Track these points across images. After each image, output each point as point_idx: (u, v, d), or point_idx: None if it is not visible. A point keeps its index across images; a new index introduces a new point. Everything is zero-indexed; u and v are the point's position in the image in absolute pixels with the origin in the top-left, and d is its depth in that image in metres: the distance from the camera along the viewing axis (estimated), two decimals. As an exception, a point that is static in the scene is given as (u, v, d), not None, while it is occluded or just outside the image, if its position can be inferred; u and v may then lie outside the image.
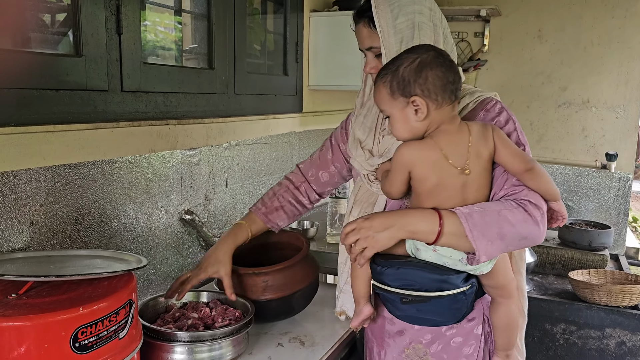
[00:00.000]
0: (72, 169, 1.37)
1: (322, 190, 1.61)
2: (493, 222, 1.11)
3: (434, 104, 1.14)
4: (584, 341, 2.31)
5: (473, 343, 1.34)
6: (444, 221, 1.12)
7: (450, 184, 1.16)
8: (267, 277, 1.47)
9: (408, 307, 1.22)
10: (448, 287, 1.17)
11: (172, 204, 1.74)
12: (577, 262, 2.65)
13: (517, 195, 1.17)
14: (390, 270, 1.19)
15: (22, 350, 0.91)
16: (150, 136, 1.59)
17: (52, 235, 1.34)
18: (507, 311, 1.28)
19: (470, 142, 1.16)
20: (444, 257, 1.17)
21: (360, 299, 1.30)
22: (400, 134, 1.19)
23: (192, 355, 1.22)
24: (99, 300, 0.99)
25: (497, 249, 1.13)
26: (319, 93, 2.67)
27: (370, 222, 1.17)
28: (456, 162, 1.15)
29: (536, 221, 1.14)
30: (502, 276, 1.25)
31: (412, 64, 1.13)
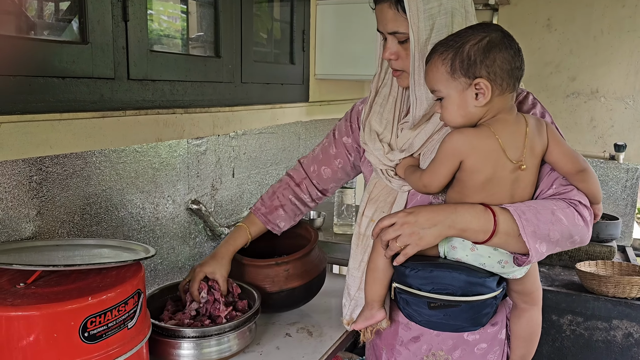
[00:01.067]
0: (79, 157, 1.36)
1: (324, 187, 1.51)
2: (547, 222, 1.04)
3: (498, 89, 1.04)
4: (591, 332, 2.30)
5: (497, 349, 1.27)
6: (498, 219, 1.04)
7: (503, 178, 1.08)
8: (289, 265, 1.47)
9: (435, 312, 1.12)
10: (484, 291, 1.10)
11: (178, 194, 1.73)
12: (585, 253, 2.63)
13: (567, 195, 1.09)
14: (422, 273, 1.10)
15: (31, 340, 0.90)
16: (157, 125, 1.58)
17: (60, 224, 1.33)
18: (530, 319, 1.23)
19: (527, 134, 1.07)
20: (482, 257, 1.10)
21: (375, 302, 1.20)
22: (452, 119, 1.08)
23: (200, 350, 1.22)
24: (108, 290, 0.99)
25: (548, 250, 1.06)
26: (326, 82, 2.65)
27: (415, 217, 1.07)
28: (513, 155, 1.06)
29: (587, 222, 1.09)
30: (532, 282, 1.20)
31: (480, 42, 1.03)
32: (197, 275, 1.40)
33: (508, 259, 1.10)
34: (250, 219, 1.51)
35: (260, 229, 1.50)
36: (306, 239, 1.61)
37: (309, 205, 1.54)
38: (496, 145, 1.05)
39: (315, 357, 1.33)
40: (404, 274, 1.12)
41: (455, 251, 1.12)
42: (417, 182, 1.15)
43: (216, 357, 1.23)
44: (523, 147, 1.07)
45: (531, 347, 1.26)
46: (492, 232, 1.04)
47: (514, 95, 1.08)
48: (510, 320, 1.27)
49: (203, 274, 1.40)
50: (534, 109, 1.17)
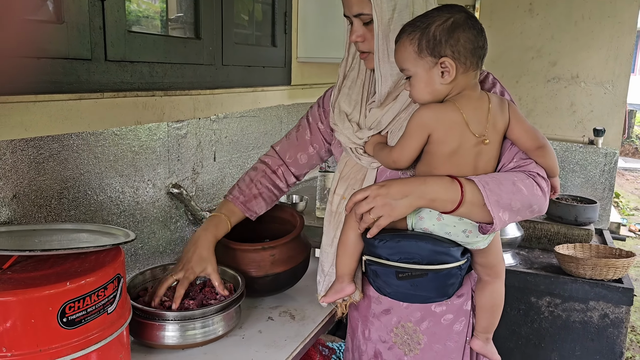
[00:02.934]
0: (56, 140, 1.33)
1: (300, 173, 1.54)
2: (509, 192, 1.10)
3: (462, 68, 1.10)
4: (568, 314, 2.35)
5: (463, 319, 1.33)
6: (465, 189, 1.10)
7: (467, 151, 1.13)
8: (275, 250, 1.47)
9: (403, 282, 1.17)
10: (449, 260, 1.15)
11: (159, 178, 1.71)
12: (563, 236, 2.68)
13: (527, 167, 1.17)
14: (390, 243, 1.15)
15: (8, 326, 0.88)
16: (136, 107, 1.55)
17: (36, 208, 1.30)
18: (493, 291, 1.29)
19: (490, 111, 1.13)
20: (447, 226, 1.15)
21: (345, 276, 1.26)
22: (420, 96, 1.14)
23: (184, 333, 1.21)
24: (87, 274, 0.97)
25: (510, 219, 1.12)
26: (308, 65, 2.63)
27: (387, 189, 1.12)
28: (476, 129, 1.12)
29: (544, 192, 1.16)
30: (495, 255, 1.25)
31: (445, 22, 1.08)
32: (188, 277, 1.32)
33: (472, 228, 1.16)
34: (229, 207, 1.47)
35: (239, 217, 1.48)
36: (291, 224, 1.61)
37: (284, 190, 1.55)
38: (460, 118, 1.11)
39: (297, 340, 1.33)
40: (373, 245, 1.17)
41: (422, 221, 1.17)
42: (386, 158, 1.20)
43: (201, 340, 1.23)
44: (486, 122, 1.13)
45: (494, 318, 1.32)
46: (459, 201, 1.10)
47: (477, 73, 1.14)
48: (475, 293, 1.33)
49: (194, 275, 1.33)
50: (494, 88, 1.23)
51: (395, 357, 1.35)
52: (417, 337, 1.32)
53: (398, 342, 1.34)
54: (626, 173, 9.28)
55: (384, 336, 1.36)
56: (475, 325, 1.34)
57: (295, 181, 1.56)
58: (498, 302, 1.31)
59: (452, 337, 1.33)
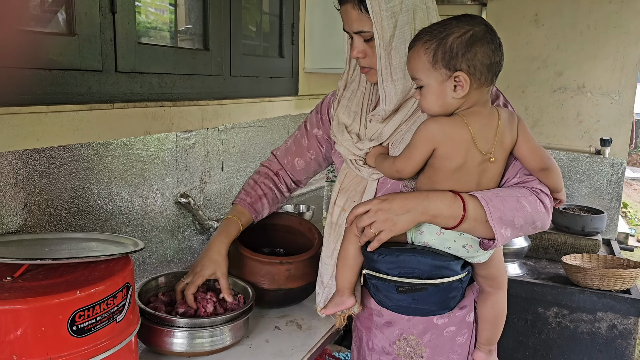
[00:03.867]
0: (66, 150, 1.35)
1: (298, 178, 1.55)
2: (512, 209, 1.10)
3: (477, 83, 1.07)
4: (576, 325, 2.34)
5: (466, 331, 1.32)
6: (467, 205, 1.09)
7: (472, 168, 1.12)
8: (291, 266, 1.47)
9: (404, 297, 1.16)
10: (448, 274, 1.14)
11: (167, 187, 1.72)
12: (570, 246, 2.67)
13: (530, 184, 1.17)
14: (389, 258, 1.14)
15: (19, 334, 0.90)
16: (145, 118, 1.57)
17: (47, 217, 1.32)
18: (495, 302, 1.28)
19: (499, 127, 1.11)
20: (447, 240, 1.14)
21: (345, 289, 1.24)
22: (429, 107, 1.11)
23: (192, 341, 1.22)
24: (96, 283, 0.98)
25: (512, 235, 1.12)
26: (315, 76, 2.65)
27: (389, 204, 1.10)
28: (483, 146, 1.10)
29: (547, 209, 1.16)
30: (497, 267, 1.24)
31: (463, 35, 1.05)
32: (196, 280, 1.35)
33: (472, 243, 1.15)
34: (238, 210, 1.49)
35: (248, 218, 1.49)
36: (307, 239, 1.61)
37: (285, 195, 1.57)
38: (468, 135, 1.09)
39: (304, 349, 1.33)
40: (373, 260, 1.16)
41: (422, 235, 1.16)
42: (389, 168, 1.18)
43: (208, 349, 1.23)
44: (494, 139, 1.11)
45: (497, 329, 1.31)
46: (461, 218, 1.09)
47: (490, 89, 1.12)
48: (477, 304, 1.32)
49: (203, 278, 1.35)
50: (497, 100, 1.22)
51: None
52: (420, 350, 1.31)
53: (401, 355, 1.33)
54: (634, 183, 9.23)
55: (387, 348, 1.34)
56: (477, 336, 1.33)
57: (295, 187, 1.58)
58: (500, 313, 1.29)
59: (455, 349, 1.31)
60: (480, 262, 1.19)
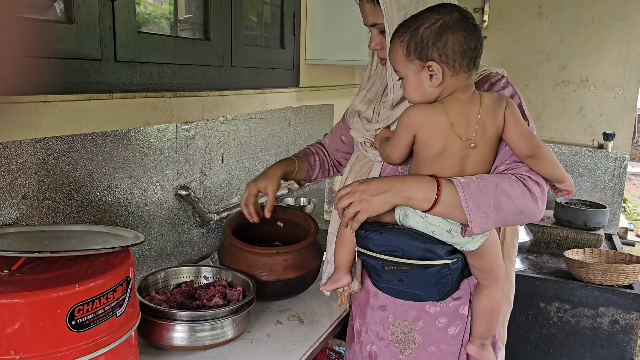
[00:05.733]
0: (65, 141, 1.32)
1: (336, 159, 1.66)
2: (490, 194, 1.09)
3: (451, 71, 1.09)
4: (578, 319, 2.32)
5: (459, 323, 1.30)
6: (441, 189, 1.10)
7: (453, 154, 1.13)
8: (288, 256, 1.47)
9: (391, 277, 1.20)
10: (431, 257, 1.15)
11: (167, 179, 1.70)
12: (572, 241, 2.65)
13: (518, 170, 1.15)
14: (374, 235, 1.18)
15: (16, 328, 0.87)
16: (145, 108, 1.54)
17: (45, 209, 1.30)
18: (490, 296, 1.25)
19: (480, 114, 1.11)
20: (431, 225, 1.14)
21: (342, 267, 1.29)
22: (411, 97, 1.15)
23: (193, 334, 1.20)
24: (96, 277, 0.96)
25: (492, 222, 1.10)
26: (316, 68, 2.62)
27: (365, 186, 1.14)
28: (462, 132, 1.11)
29: (535, 197, 1.12)
30: (491, 260, 1.22)
31: (433, 25, 1.07)
32: (250, 190, 1.49)
33: (457, 229, 1.14)
34: (295, 156, 1.63)
35: (303, 166, 1.61)
36: (305, 230, 1.60)
37: (330, 169, 1.68)
38: (445, 121, 1.11)
39: (306, 344, 1.32)
40: (360, 236, 1.20)
41: (408, 218, 1.17)
42: (382, 153, 1.23)
43: (209, 343, 1.22)
44: (475, 125, 1.11)
45: (491, 324, 1.29)
46: (434, 201, 1.10)
47: (470, 74, 1.12)
48: (472, 297, 1.30)
49: (257, 188, 1.49)
50: (503, 91, 1.22)
51: (392, 355, 1.34)
52: (412, 337, 1.31)
53: (394, 341, 1.34)
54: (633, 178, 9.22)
55: (381, 333, 1.35)
56: (472, 329, 1.31)
57: (337, 163, 1.68)
58: (495, 307, 1.27)
59: (447, 340, 1.30)
60: (469, 250, 1.17)
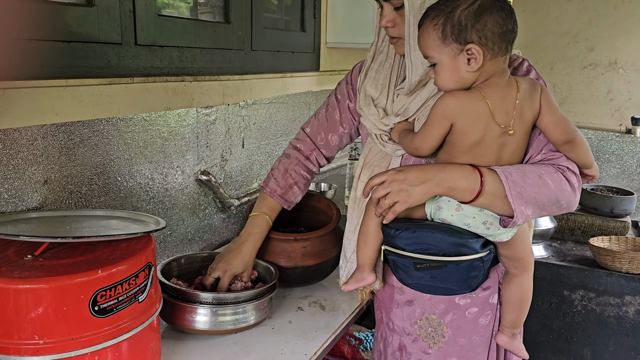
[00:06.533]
0: (86, 126, 1.32)
1: (331, 155, 1.51)
2: (534, 185, 1.06)
3: (490, 54, 1.04)
4: (603, 308, 2.28)
5: (489, 313, 1.28)
6: (485, 179, 1.06)
7: (491, 142, 1.09)
8: (307, 243, 1.45)
9: (422, 274, 1.15)
10: (467, 252, 1.11)
11: (188, 164, 1.69)
12: (598, 228, 2.60)
13: (556, 161, 1.12)
14: (406, 234, 1.12)
15: (40, 312, 0.88)
16: (166, 93, 1.53)
17: (67, 194, 1.30)
18: (520, 285, 1.23)
19: (518, 100, 1.07)
20: (466, 217, 1.11)
21: (366, 266, 1.23)
22: (445, 84, 1.09)
23: (215, 319, 1.20)
24: (118, 262, 0.96)
25: (534, 213, 1.07)
26: (337, 51, 2.58)
27: (404, 175, 1.08)
28: (501, 119, 1.07)
29: (574, 188, 1.10)
30: (521, 248, 1.19)
31: (470, 6, 1.02)
32: (226, 277, 1.34)
33: (493, 220, 1.11)
34: (269, 204, 1.45)
35: (278, 211, 1.47)
36: (327, 216, 1.58)
37: (316, 173, 1.54)
38: (486, 109, 1.06)
39: (328, 331, 1.31)
40: (390, 235, 1.14)
41: (440, 211, 1.13)
42: (409, 145, 1.17)
43: (231, 327, 1.22)
44: (513, 112, 1.07)
45: (521, 313, 1.26)
46: (478, 191, 1.06)
47: (506, 58, 1.09)
48: (501, 286, 1.27)
49: (231, 275, 1.34)
50: (528, 75, 1.18)
51: (420, 349, 1.32)
52: (442, 330, 1.29)
53: (422, 335, 1.31)
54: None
55: (407, 328, 1.32)
56: (501, 319, 1.29)
57: (327, 163, 1.54)
58: (526, 296, 1.25)
59: (478, 330, 1.28)
60: (502, 240, 1.15)
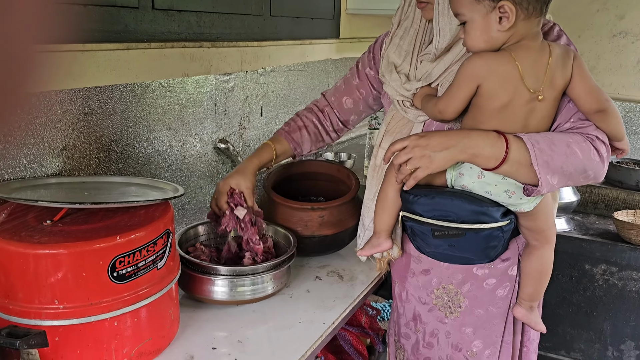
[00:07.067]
0: (104, 92, 1.30)
1: (345, 118, 1.49)
2: (561, 154, 1.02)
3: (524, 13, 1.00)
4: (625, 283, 2.24)
5: (507, 285, 1.26)
6: (510, 146, 1.02)
7: (519, 107, 1.05)
8: (324, 212, 1.43)
9: (440, 242, 1.14)
10: (486, 220, 1.09)
11: (206, 132, 1.67)
12: (622, 202, 2.54)
13: (585, 130, 1.07)
14: (424, 200, 1.11)
15: (60, 277, 0.88)
16: (184, 59, 1.50)
17: (86, 160, 1.29)
18: (541, 257, 1.20)
19: (549, 65, 1.03)
20: (488, 185, 1.08)
21: (383, 232, 1.22)
22: (474, 44, 1.05)
23: (234, 289, 1.19)
24: (136, 229, 0.95)
25: (559, 182, 1.04)
26: (357, 18, 2.51)
27: (426, 141, 1.05)
28: (531, 84, 1.03)
29: (602, 158, 1.07)
30: (543, 220, 1.16)
31: None
32: (222, 188, 1.32)
33: (515, 189, 1.07)
34: (275, 137, 1.46)
35: (284, 147, 1.44)
36: (346, 186, 1.55)
37: (330, 134, 1.51)
38: (515, 71, 1.02)
39: (346, 301, 1.30)
40: (409, 201, 1.13)
41: (462, 178, 1.10)
42: (433, 109, 1.14)
43: (250, 297, 1.21)
44: (544, 77, 1.03)
45: (540, 286, 1.24)
46: (503, 158, 1.03)
47: (540, 20, 1.04)
48: (521, 257, 1.25)
49: (228, 186, 1.31)
50: (558, 41, 1.13)
51: (436, 319, 1.31)
52: (458, 300, 1.28)
53: (439, 304, 1.30)
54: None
55: (424, 297, 1.32)
56: (519, 291, 1.27)
57: (342, 127, 1.51)
58: (546, 269, 1.22)
59: (495, 302, 1.27)
60: (524, 211, 1.11)
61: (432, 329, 1.32)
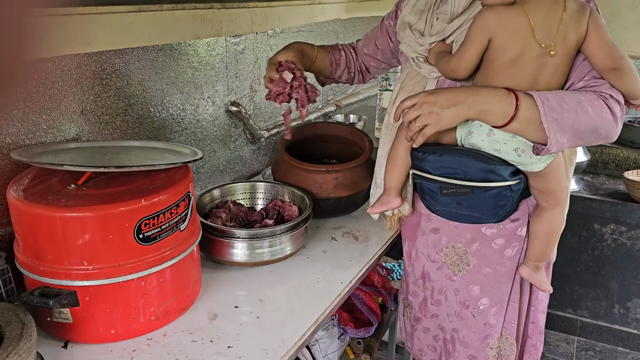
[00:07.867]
0: (117, 55, 1.30)
1: (367, 64, 1.50)
2: (571, 111, 1.01)
3: None
4: (633, 242, 2.27)
5: (516, 245, 1.27)
6: (520, 103, 1.01)
7: (529, 61, 1.04)
8: (339, 174, 1.44)
9: (448, 199, 1.15)
10: (494, 179, 1.09)
11: (218, 95, 1.67)
12: (633, 162, 2.54)
13: (599, 88, 1.05)
14: (433, 157, 1.12)
15: (87, 239, 0.90)
16: (194, 21, 1.49)
17: (103, 125, 1.30)
18: (550, 219, 1.20)
19: (563, 19, 1.01)
20: (497, 142, 1.07)
21: (392, 189, 1.24)
22: None
23: (252, 251, 1.22)
24: (159, 192, 0.97)
25: (570, 141, 1.03)
26: (367, -24, 2.47)
27: (435, 97, 1.05)
28: (542, 38, 1.02)
29: (616, 117, 1.05)
30: (554, 182, 1.15)
31: None
32: (270, 62, 1.29)
33: (525, 148, 1.07)
34: (318, 46, 1.45)
35: (324, 57, 1.44)
36: (360, 148, 1.56)
37: (357, 73, 1.52)
38: (526, 24, 1.02)
39: (362, 261, 1.32)
40: (417, 158, 1.15)
41: (471, 136, 1.10)
42: (445, 67, 1.14)
43: (268, 259, 1.24)
44: (556, 32, 1.02)
45: (547, 247, 1.24)
46: (512, 116, 1.02)
47: None
48: (530, 218, 1.25)
49: (276, 59, 1.28)
50: None
51: (444, 276, 1.34)
52: (467, 258, 1.29)
53: (447, 262, 1.32)
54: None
55: (433, 255, 1.34)
56: (526, 251, 1.28)
57: (366, 71, 1.51)
58: (554, 231, 1.22)
59: (503, 261, 1.28)
60: (534, 171, 1.11)
61: (441, 287, 1.35)
